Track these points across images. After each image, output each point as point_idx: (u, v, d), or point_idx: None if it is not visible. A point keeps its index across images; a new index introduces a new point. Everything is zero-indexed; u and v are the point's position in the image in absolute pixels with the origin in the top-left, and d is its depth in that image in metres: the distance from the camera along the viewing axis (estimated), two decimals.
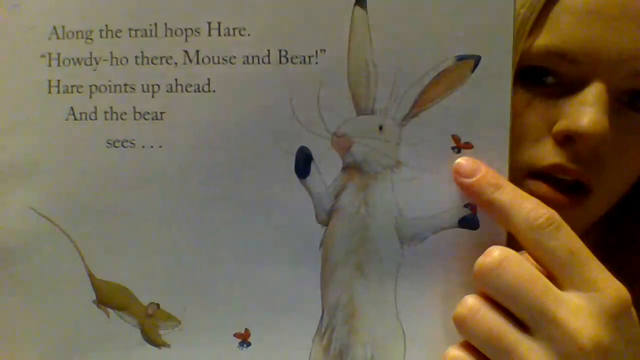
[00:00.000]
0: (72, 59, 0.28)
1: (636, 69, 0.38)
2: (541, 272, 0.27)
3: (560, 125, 0.38)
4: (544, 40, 0.38)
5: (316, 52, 0.27)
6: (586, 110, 0.38)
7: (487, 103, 0.26)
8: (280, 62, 0.27)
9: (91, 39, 0.28)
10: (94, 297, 0.28)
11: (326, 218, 0.27)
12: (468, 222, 0.27)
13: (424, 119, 0.27)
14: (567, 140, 0.38)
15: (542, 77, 0.39)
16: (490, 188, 0.28)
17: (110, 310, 0.28)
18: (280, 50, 0.27)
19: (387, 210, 0.27)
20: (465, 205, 0.27)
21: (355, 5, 0.26)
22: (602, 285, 0.27)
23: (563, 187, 0.39)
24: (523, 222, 0.27)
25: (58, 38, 0.28)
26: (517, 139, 0.38)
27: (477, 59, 0.26)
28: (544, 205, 0.28)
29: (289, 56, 0.27)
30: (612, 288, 0.28)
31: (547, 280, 0.27)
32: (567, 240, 0.28)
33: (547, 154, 0.39)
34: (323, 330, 0.28)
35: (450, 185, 0.27)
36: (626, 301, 0.28)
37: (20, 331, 0.29)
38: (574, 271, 0.27)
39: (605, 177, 0.40)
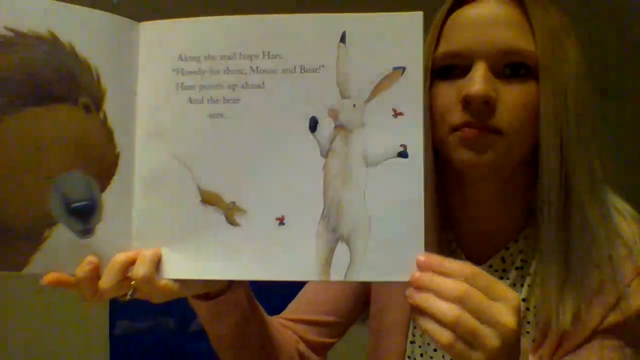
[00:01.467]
0: (190, 71, 0.52)
1: (504, 50, 0.58)
2: None
3: (460, 95, 0.58)
4: (443, 48, 0.61)
5: (320, 67, 0.51)
6: (473, 81, 0.57)
7: (409, 91, 0.50)
8: (301, 72, 0.51)
9: (199, 60, 0.52)
10: (200, 199, 0.52)
11: (325, 154, 0.51)
12: (402, 154, 0.50)
13: (377, 100, 0.50)
14: (467, 104, 0.57)
15: (450, 72, 0.61)
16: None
17: (208, 206, 0.52)
18: (301, 66, 0.51)
19: (358, 148, 0.50)
20: (401, 145, 0.50)
21: (340, 42, 0.50)
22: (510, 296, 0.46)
23: (479, 129, 0.58)
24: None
25: (182, 60, 0.53)
26: (443, 111, 0.60)
27: (403, 69, 0.50)
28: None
29: (305, 69, 0.51)
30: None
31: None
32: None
33: (458, 116, 0.59)
34: (324, 217, 0.51)
35: (394, 137, 0.50)
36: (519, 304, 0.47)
37: (155, 223, 0.53)
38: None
39: (505, 121, 0.58)
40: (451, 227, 0.70)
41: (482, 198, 0.66)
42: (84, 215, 0.50)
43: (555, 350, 0.63)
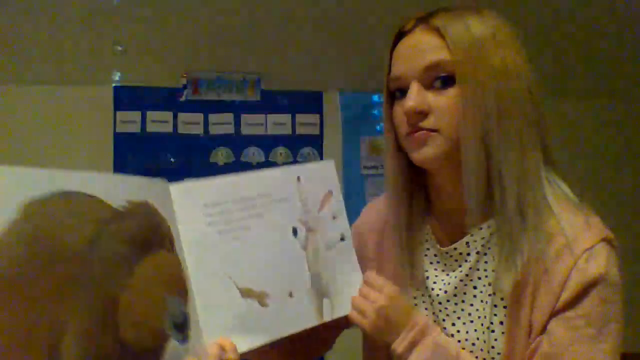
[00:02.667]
0: (214, 213, 0.76)
1: (428, 67, 0.72)
2: None
3: (401, 111, 0.75)
4: (391, 75, 0.77)
5: (290, 196, 0.83)
6: (407, 99, 0.73)
7: (339, 203, 0.88)
8: (280, 201, 0.83)
9: (219, 205, 0.77)
10: (239, 295, 0.76)
11: (304, 247, 0.83)
12: (342, 239, 0.86)
13: (323, 211, 0.86)
14: (406, 114, 0.74)
15: (402, 95, 0.75)
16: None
17: (247, 298, 0.77)
18: (280, 198, 0.83)
19: (321, 240, 0.85)
20: (340, 234, 0.87)
21: (297, 181, 0.85)
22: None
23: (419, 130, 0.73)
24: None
25: (207, 207, 0.76)
26: (399, 124, 0.76)
27: (331, 191, 0.88)
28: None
29: (283, 199, 0.83)
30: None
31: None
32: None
33: (405, 127, 0.75)
34: (312, 285, 0.82)
35: (336, 230, 0.86)
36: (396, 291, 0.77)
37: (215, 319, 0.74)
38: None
39: (438, 122, 0.73)
40: (430, 216, 0.83)
41: (447, 187, 0.79)
42: (183, 328, 0.69)
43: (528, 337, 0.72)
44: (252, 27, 2.33)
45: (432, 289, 0.82)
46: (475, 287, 0.78)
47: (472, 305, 0.79)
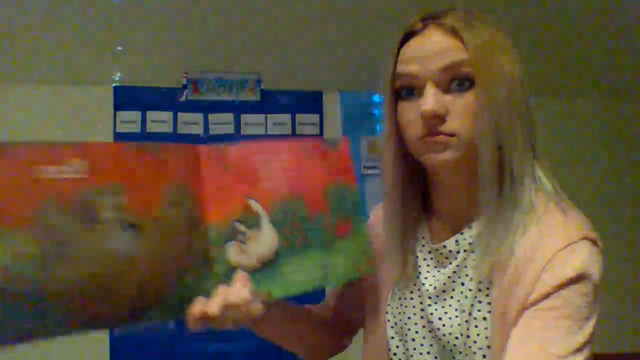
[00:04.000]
0: None
1: (446, 68, 0.72)
2: None
3: (417, 112, 0.73)
4: (400, 71, 0.75)
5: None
6: (425, 101, 0.72)
7: None
8: None
9: None
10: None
11: None
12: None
13: None
14: (424, 118, 0.72)
15: (409, 94, 0.75)
16: None
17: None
18: None
19: None
20: None
21: None
22: None
23: (438, 135, 0.73)
24: None
25: None
26: (409, 125, 0.75)
27: None
28: None
29: None
30: None
31: None
32: None
33: (420, 128, 0.73)
34: None
35: None
36: None
37: None
38: None
39: (455, 125, 0.72)
40: (426, 212, 0.85)
41: (453, 188, 0.80)
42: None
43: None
44: (252, 27, 2.34)
45: (423, 284, 0.84)
46: (462, 284, 0.80)
47: (459, 301, 0.79)
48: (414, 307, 0.85)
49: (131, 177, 0.66)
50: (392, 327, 0.86)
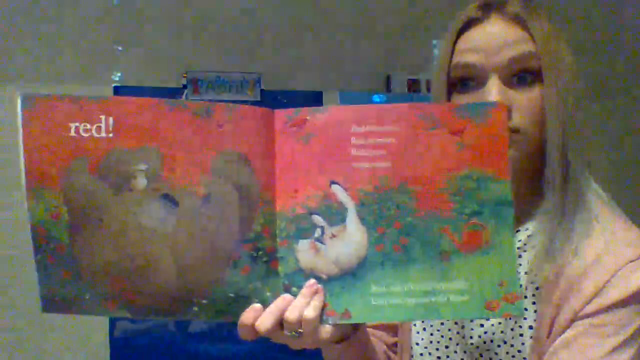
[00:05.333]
0: None
1: (512, 61, 0.67)
2: None
3: None
4: (458, 62, 0.70)
5: None
6: (489, 93, 0.67)
7: None
8: None
9: None
10: None
11: None
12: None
13: None
14: None
15: (466, 85, 0.70)
16: None
17: None
18: None
19: None
20: None
21: None
22: None
23: None
24: None
25: None
26: None
27: None
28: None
29: None
30: None
31: None
32: None
33: None
34: None
35: None
36: None
37: None
38: None
39: (520, 121, 0.67)
40: None
41: None
42: None
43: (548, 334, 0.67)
44: (252, 27, 2.33)
45: None
46: None
47: None
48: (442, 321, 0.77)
49: (170, 139, 0.58)
50: (417, 332, 0.78)
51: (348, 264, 0.60)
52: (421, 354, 0.76)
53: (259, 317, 0.58)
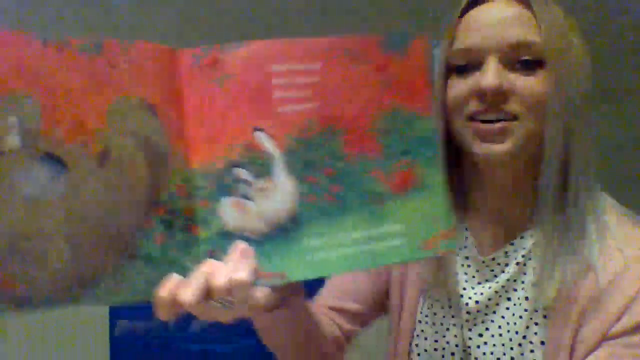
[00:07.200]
0: None
1: (514, 45, 0.62)
2: None
3: (473, 87, 0.63)
4: (457, 45, 0.66)
5: None
6: (486, 74, 0.62)
7: None
8: None
9: None
10: None
11: None
12: None
13: None
14: (480, 95, 0.62)
15: (464, 68, 0.65)
16: None
17: None
18: None
19: None
20: None
21: None
22: None
23: (494, 122, 0.62)
24: None
25: None
26: (459, 102, 0.64)
27: None
28: None
29: None
30: None
31: None
32: None
33: (473, 105, 0.63)
34: None
35: None
36: None
37: None
38: None
39: (519, 107, 0.62)
40: (467, 215, 0.73)
41: (497, 185, 0.69)
42: None
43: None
44: (252, 27, 2.28)
45: (462, 296, 0.73)
46: (509, 299, 0.70)
47: (503, 317, 0.70)
48: (448, 325, 0.74)
49: (50, 85, 0.46)
50: (417, 345, 0.76)
51: (279, 220, 0.54)
52: None
53: (179, 289, 0.48)
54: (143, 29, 2.15)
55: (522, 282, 0.68)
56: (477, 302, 0.71)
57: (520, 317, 0.68)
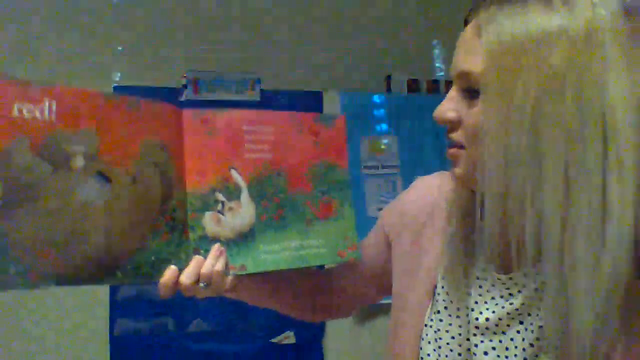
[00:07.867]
0: None
1: (457, 74, 0.61)
2: None
3: None
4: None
5: None
6: (441, 104, 0.64)
7: None
8: None
9: None
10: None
11: None
12: None
13: None
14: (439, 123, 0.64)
15: None
16: None
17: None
18: None
19: None
20: None
21: None
22: None
23: (452, 146, 0.64)
24: None
25: None
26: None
27: None
28: None
29: None
30: None
31: None
32: None
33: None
34: None
35: None
36: None
37: None
38: None
39: (464, 137, 0.62)
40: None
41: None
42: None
43: None
44: (252, 27, 2.34)
45: (472, 310, 0.71)
46: (521, 322, 0.67)
47: (512, 340, 0.67)
48: (454, 334, 0.73)
49: (106, 126, 0.65)
50: (421, 348, 0.76)
51: (242, 230, 0.76)
52: None
53: (177, 276, 0.71)
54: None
55: (538, 309, 0.64)
56: (487, 319, 0.69)
57: (531, 344, 0.64)
